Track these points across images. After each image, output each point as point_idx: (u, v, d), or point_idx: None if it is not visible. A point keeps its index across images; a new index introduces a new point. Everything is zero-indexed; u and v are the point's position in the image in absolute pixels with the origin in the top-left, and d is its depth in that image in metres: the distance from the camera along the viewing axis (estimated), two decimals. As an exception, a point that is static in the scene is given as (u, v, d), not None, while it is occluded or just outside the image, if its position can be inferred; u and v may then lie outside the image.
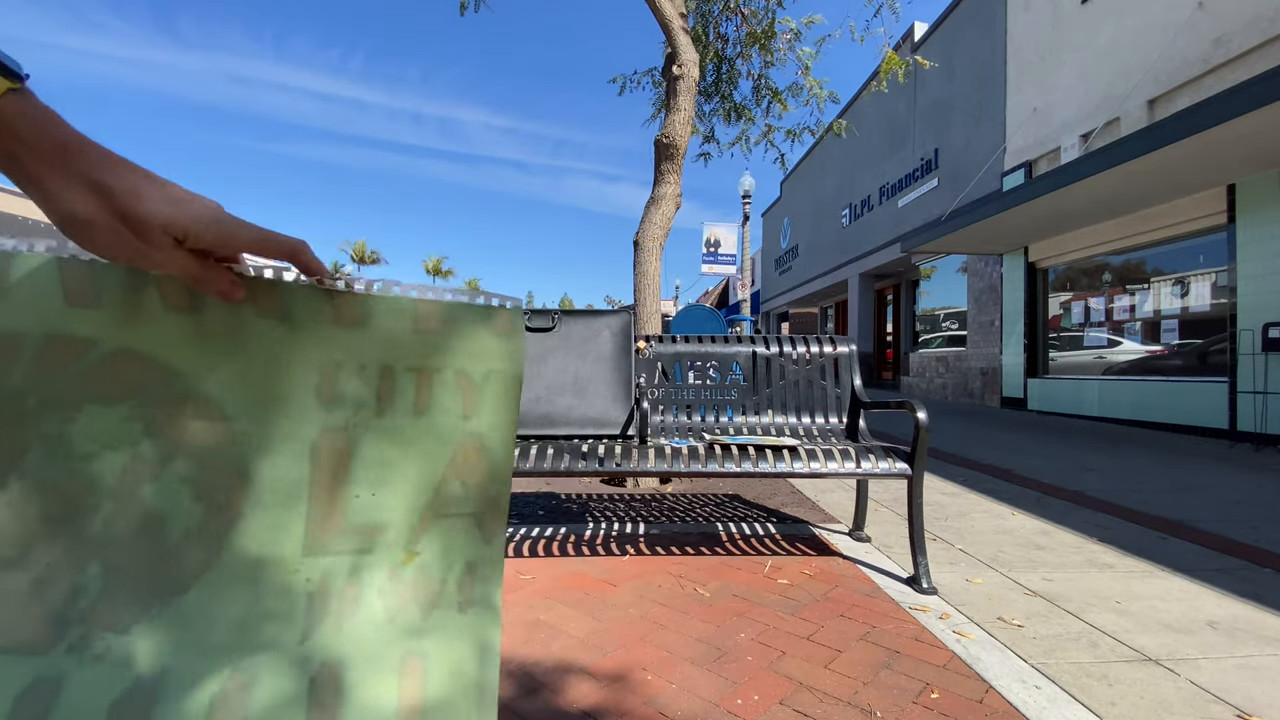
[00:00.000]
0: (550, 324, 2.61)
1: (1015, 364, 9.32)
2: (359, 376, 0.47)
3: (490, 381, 0.50)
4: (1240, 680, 1.49)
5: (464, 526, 0.50)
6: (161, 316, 0.41)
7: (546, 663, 1.54)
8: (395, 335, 0.47)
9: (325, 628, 0.44)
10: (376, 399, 0.47)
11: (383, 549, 0.47)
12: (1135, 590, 2.06)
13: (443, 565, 0.49)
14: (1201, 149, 5.15)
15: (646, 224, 3.98)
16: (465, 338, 0.49)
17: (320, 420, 0.46)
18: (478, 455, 0.50)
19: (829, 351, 2.74)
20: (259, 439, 0.44)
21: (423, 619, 0.48)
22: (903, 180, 13.09)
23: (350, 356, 0.46)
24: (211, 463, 0.43)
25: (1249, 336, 5.74)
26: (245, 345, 0.44)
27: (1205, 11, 6.21)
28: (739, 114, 6.02)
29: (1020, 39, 9.25)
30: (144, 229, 0.36)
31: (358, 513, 0.47)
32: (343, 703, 0.44)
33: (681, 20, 4.01)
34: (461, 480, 0.50)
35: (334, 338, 0.46)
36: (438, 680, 0.47)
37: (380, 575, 0.47)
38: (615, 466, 2.04)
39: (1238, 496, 3.52)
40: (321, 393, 0.46)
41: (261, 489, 0.44)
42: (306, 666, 0.43)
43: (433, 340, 0.48)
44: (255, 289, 0.44)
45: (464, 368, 0.49)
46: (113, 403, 0.40)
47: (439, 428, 0.49)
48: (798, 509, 3.16)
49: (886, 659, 1.57)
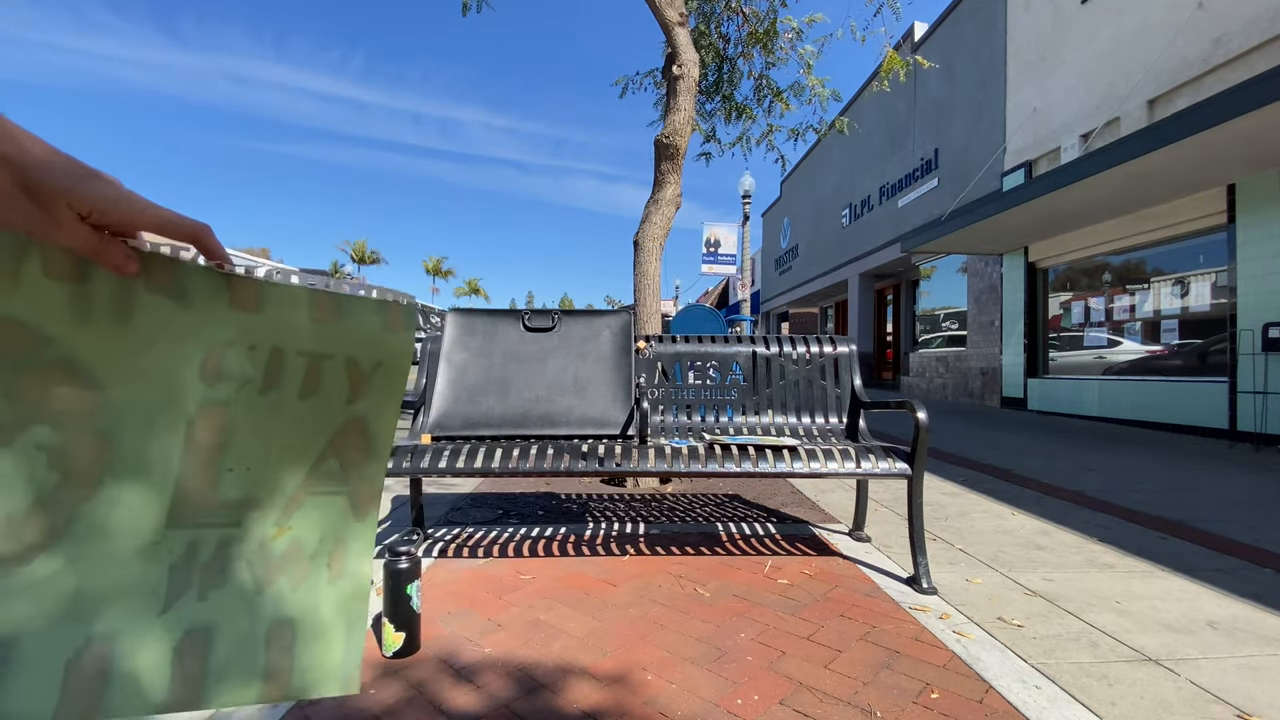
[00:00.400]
0: (550, 324, 2.61)
1: (1015, 364, 9.32)
2: (247, 356, 0.47)
3: (379, 371, 0.52)
4: (1240, 680, 1.49)
5: (338, 504, 0.52)
6: (41, 283, 0.40)
7: (546, 663, 1.54)
8: (290, 322, 0.48)
9: (188, 598, 0.45)
10: (263, 377, 0.48)
11: (253, 522, 0.48)
12: (1135, 590, 2.06)
13: (314, 540, 0.51)
14: (1201, 149, 5.15)
15: (646, 224, 3.98)
16: (358, 329, 0.50)
17: (200, 395, 0.46)
18: (359, 436, 0.52)
19: (829, 351, 2.74)
20: (130, 410, 0.44)
21: (291, 590, 0.49)
22: (903, 180, 13.09)
23: (241, 337, 0.47)
24: (75, 431, 0.42)
25: (1249, 336, 5.74)
26: (129, 317, 0.44)
27: (1205, 11, 6.21)
28: (740, 114, 6.01)
29: (1020, 39, 9.25)
30: (48, 202, 0.37)
31: (229, 487, 0.48)
32: (208, 670, 0.45)
33: (681, 20, 4.01)
34: (340, 460, 0.52)
35: (227, 319, 0.46)
36: (306, 649, 0.49)
37: (249, 547, 0.48)
38: (615, 466, 2.04)
39: (1238, 496, 3.52)
40: (206, 369, 0.46)
41: (126, 460, 0.44)
42: (169, 636, 0.44)
43: (327, 329, 0.49)
44: (150, 265, 0.44)
45: (354, 356, 0.51)
46: None
47: (323, 409, 0.51)
48: (798, 509, 3.16)
49: (886, 659, 1.57)
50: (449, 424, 2.40)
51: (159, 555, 0.45)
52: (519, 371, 2.52)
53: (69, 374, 0.42)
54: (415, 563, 1.60)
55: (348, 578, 0.52)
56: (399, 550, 1.59)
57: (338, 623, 0.51)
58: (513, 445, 2.13)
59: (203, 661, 0.45)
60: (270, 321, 0.47)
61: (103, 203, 0.38)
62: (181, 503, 0.46)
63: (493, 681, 1.45)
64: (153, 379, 0.45)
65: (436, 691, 1.40)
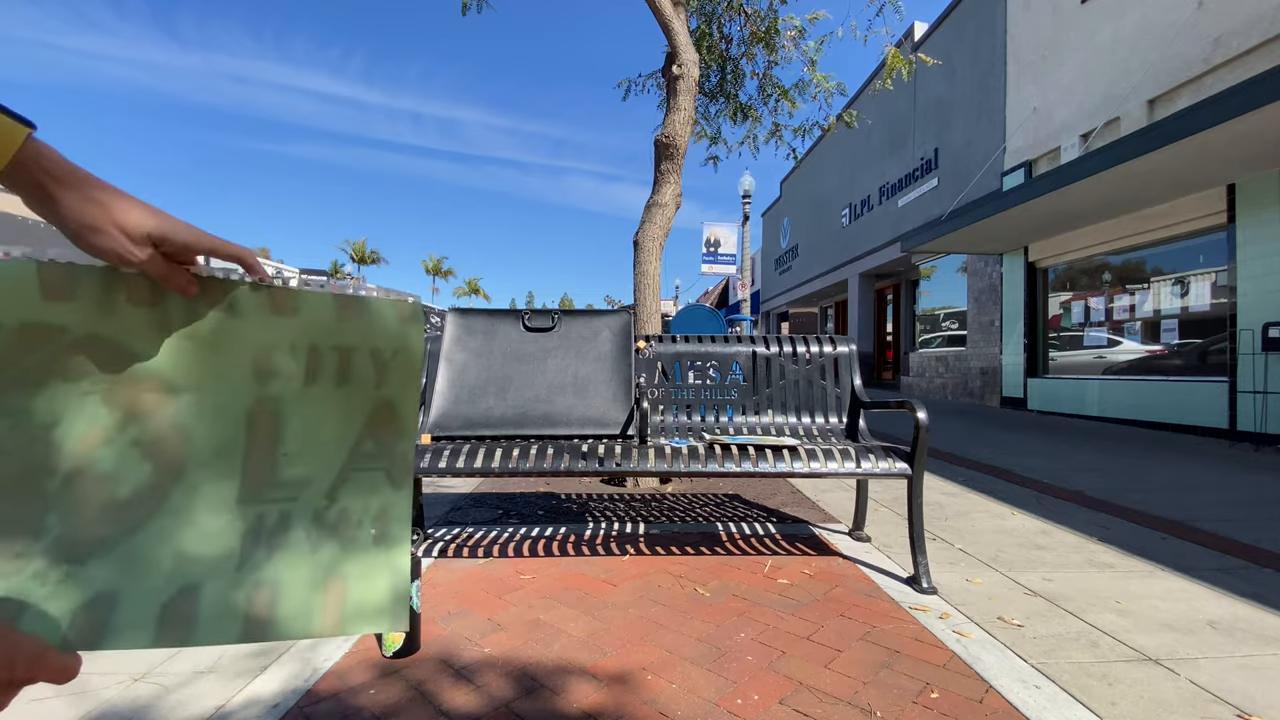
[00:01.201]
0: (550, 324, 2.61)
1: (1015, 364, 9.32)
2: (290, 355, 0.58)
3: (398, 357, 0.62)
4: (1240, 680, 1.49)
5: (378, 478, 0.61)
6: (126, 308, 0.51)
7: (546, 663, 1.54)
8: (321, 322, 0.59)
9: (257, 558, 0.56)
10: (305, 372, 0.58)
11: (307, 497, 0.58)
12: (1135, 590, 2.06)
13: (359, 509, 0.60)
14: (1201, 149, 5.15)
15: (646, 224, 3.98)
16: (377, 324, 0.61)
17: (256, 391, 0.56)
18: (389, 416, 0.62)
19: (829, 351, 2.74)
20: (202, 408, 0.55)
21: (342, 550, 0.59)
22: (903, 180, 13.08)
23: (283, 338, 0.57)
24: (160, 428, 0.53)
25: (1249, 336, 5.74)
26: (197, 331, 0.54)
27: (1205, 11, 6.21)
28: (745, 114, 6.00)
29: (1020, 38, 9.25)
30: (134, 234, 0.48)
31: (286, 468, 0.58)
32: (275, 612, 0.55)
33: (681, 20, 4.01)
34: (375, 439, 0.61)
35: (270, 324, 0.57)
36: (356, 594, 0.59)
37: (306, 518, 0.58)
38: (615, 466, 2.04)
39: (1238, 496, 3.52)
40: (259, 369, 0.57)
41: (202, 449, 0.54)
42: (243, 586, 0.55)
43: (351, 325, 0.60)
44: (207, 285, 0.55)
45: (377, 346, 0.61)
46: (75, 379, 0.50)
47: (357, 395, 0.61)
48: (798, 509, 3.16)
49: (886, 659, 1.57)
50: (449, 424, 2.40)
51: (234, 525, 0.55)
52: (519, 371, 2.52)
53: (153, 382, 0.53)
54: (415, 563, 1.60)
55: (391, 538, 0.62)
56: (399, 550, 1.59)
57: (383, 575, 0.61)
58: (513, 445, 2.13)
59: (271, 606, 0.55)
60: (305, 323, 0.58)
61: (172, 234, 0.50)
62: (248, 483, 0.56)
63: (492, 681, 1.45)
64: (217, 381, 0.55)
65: (436, 691, 1.40)
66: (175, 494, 0.53)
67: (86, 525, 0.50)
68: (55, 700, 1.34)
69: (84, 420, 0.50)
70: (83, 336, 0.50)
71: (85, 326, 0.50)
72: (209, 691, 1.40)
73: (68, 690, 1.38)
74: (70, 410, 0.50)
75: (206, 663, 1.52)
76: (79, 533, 0.50)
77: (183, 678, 1.45)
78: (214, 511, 0.54)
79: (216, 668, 1.50)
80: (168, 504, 0.53)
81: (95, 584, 0.50)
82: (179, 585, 0.52)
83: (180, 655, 1.55)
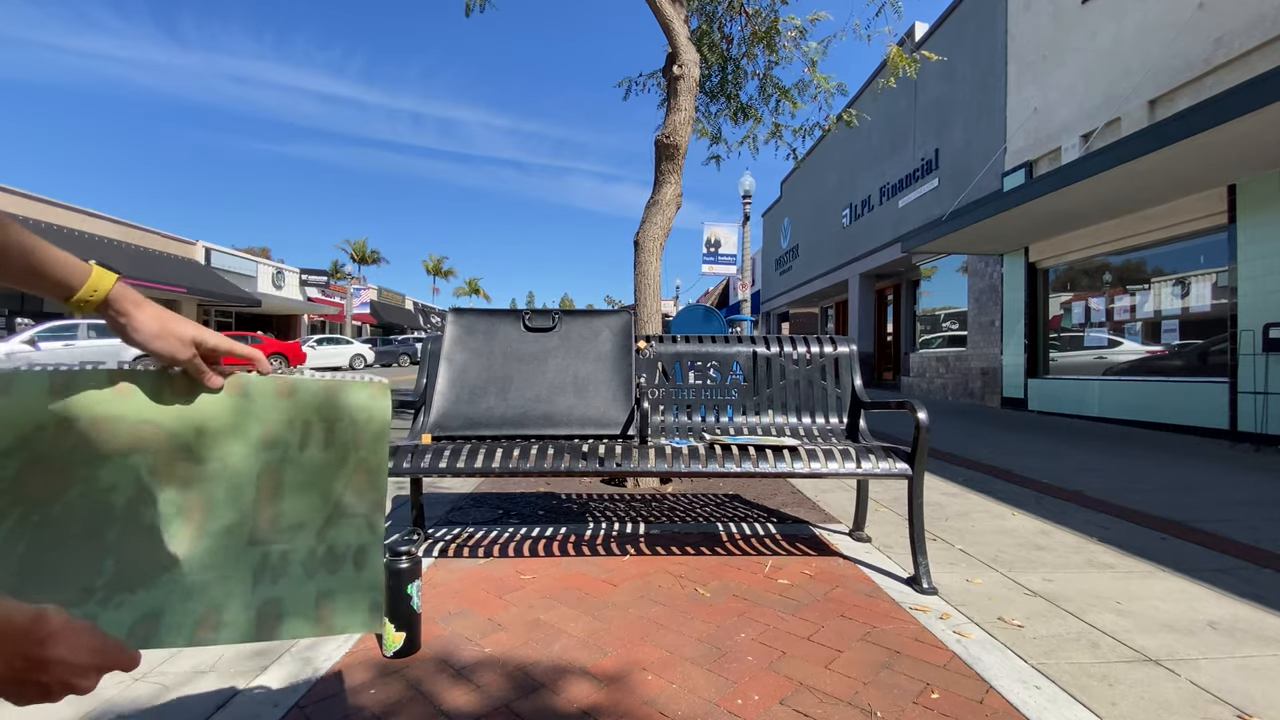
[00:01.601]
0: (551, 324, 2.62)
1: (1015, 364, 9.31)
2: (288, 427, 0.75)
3: (369, 423, 0.79)
4: (1240, 680, 1.49)
5: (357, 522, 0.79)
6: (170, 398, 0.69)
7: (546, 663, 1.54)
8: (313, 400, 0.76)
9: (265, 582, 0.73)
10: (299, 440, 0.75)
11: (302, 538, 0.75)
12: (1135, 590, 2.06)
13: (343, 547, 0.78)
14: (1202, 149, 5.14)
15: (647, 224, 3.98)
16: (354, 400, 0.78)
17: (263, 457, 0.74)
18: (365, 473, 0.79)
19: (829, 351, 2.74)
20: (220, 473, 0.71)
21: (330, 577, 0.77)
22: (903, 180, 13.07)
23: (284, 415, 0.75)
24: (190, 490, 0.69)
25: (1249, 337, 5.73)
26: (220, 413, 0.71)
27: (1206, 12, 6.21)
28: (746, 114, 5.99)
29: (1021, 39, 9.24)
30: (184, 338, 0.67)
31: (285, 517, 0.75)
32: (280, 622, 0.73)
33: (682, 20, 4.01)
34: (355, 491, 0.78)
35: (274, 405, 0.74)
36: (343, 607, 0.77)
37: (301, 554, 0.75)
38: (615, 466, 2.04)
39: (1238, 497, 3.52)
40: (264, 440, 0.74)
41: (220, 505, 0.71)
42: (255, 604, 0.72)
43: (334, 402, 0.77)
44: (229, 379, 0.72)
45: (354, 417, 0.78)
46: (129, 454, 0.66)
47: (340, 457, 0.77)
48: (798, 509, 3.16)
49: (887, 659, 1.57)
50: (449, 424, 2.40)
51: (245, 561, 0.72)
52: (519, 371, 2.52)
53: (184, 454, 0.69)
54: (415, 563, 1.60)
55: (368, 567, 0.79)
56: (399, 550, 1.59)
57: (363, 593, 0.78)
58: (513, 445, 2.13)
59: (277, 618, 0.73)
60: (301, 402, 0.76)
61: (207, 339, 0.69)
62: (255, 530, 0.73)
63: (493, 681, 1.45)
64: (232, 451, 0.72)
65: (436, 691, 1.40)
66: (202, 540, 0.70)
67: (137, 564, 0.66)
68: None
69: (134, 485, 0.66)
70: (137, 421, 0.67)
71: (140, 414, 0.67)
72: (209, 691, 1.40)
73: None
74: (125, 477, 0.66)
75: (207, 662, 1.52)
76: (131, 569, 0.66)
77: (183, 677, 1.45)
78: (229, 553, 0.71)
79: (216, 667, 1.50)
80: (197, 547, 0.69)
81: (145, 606, 0.66)
82: (207, 604, 0.70)
83: (180, 655, 1.55)
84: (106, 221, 18.90)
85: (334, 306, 32.82)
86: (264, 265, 27.37)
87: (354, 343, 25.12)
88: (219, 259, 23.86)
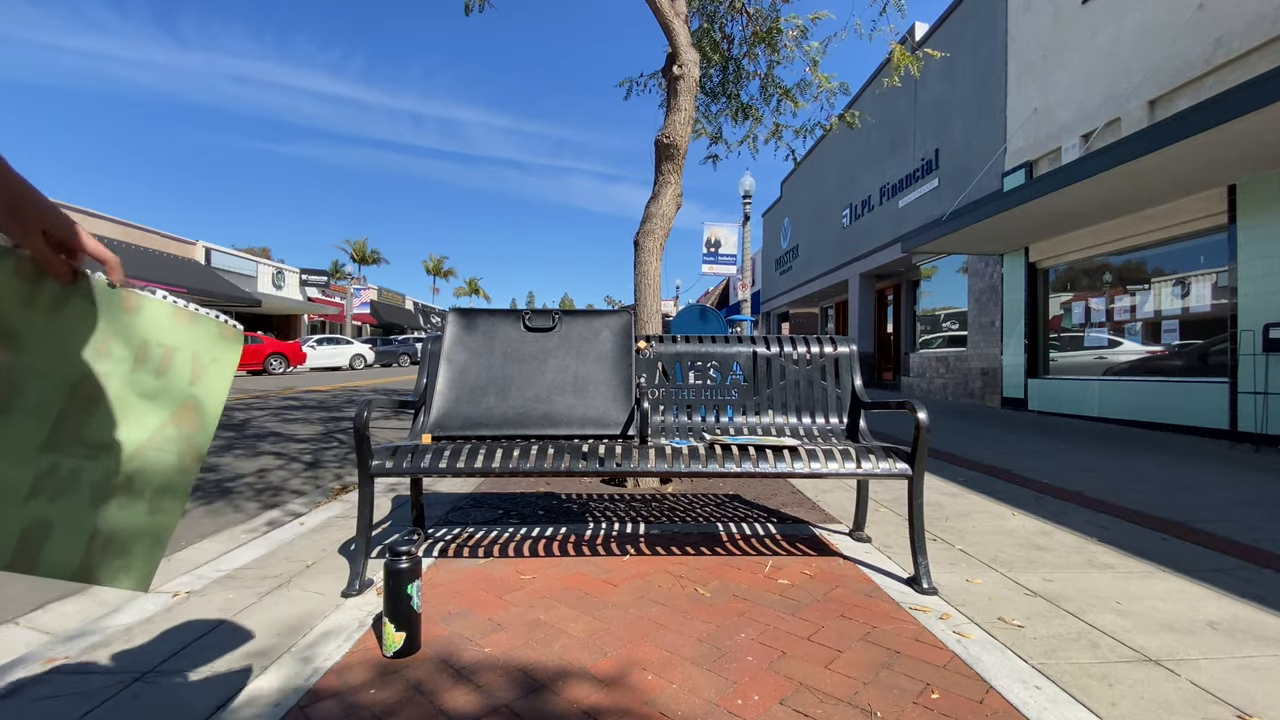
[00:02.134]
0: (550, 324, 2.62)
1: (1015, 364, 9.31)
2: (125, 343, 0.72)
3: (214, 365, 0.76)
4: (1240, 680, 1.49)
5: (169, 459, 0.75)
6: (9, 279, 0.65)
7: (546, 663, 1.54)
8: (157, 322, 0.74)
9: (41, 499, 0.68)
10: (134, 359, 0.73)
11: (103, 459, 0.72)
12: (1135, 590, 2.06)
13: (143, 482, 0.74)
14: (1202, 149, 5.14)
15: (647, 224, 3.98)
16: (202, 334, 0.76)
17: (88, 366, 0.70)
18: (194, 412, 0.76)
19: (829, 351, 2.74)
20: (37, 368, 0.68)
21: (117, 512, 0.72)
22: (903, 180, 13.07)
23: (122, 330, 0.72)
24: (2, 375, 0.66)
25: (1249, 337, 5.73)
26: (60, 310, 0.68)
27: (1206, 12, 6.21)
28: (746, 114, 5.98)
29: (1021, 39, 9.24)
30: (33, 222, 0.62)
31: (93, 431, 0.71)
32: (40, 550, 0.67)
33: (682, 20, 4.01)
34: (177, 427, 0.75)
35: (116, 317, 0.71)
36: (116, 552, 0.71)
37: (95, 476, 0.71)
38: (615, 466, 2.04)
39: (1238, 497, 3.52)
40: (97, 349, 0.71)
41: (25, 399, 0.67)
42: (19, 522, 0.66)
43: (181, 330, 0.75)
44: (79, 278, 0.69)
45: (198, 351, 0.76)
46: None
47: (171, 387, 0.75)
48: (798, 509, 3.16)
49: (887, 659, 1.57)
50: (449, 424, 2.40)
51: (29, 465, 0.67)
52: (519, 371, 2.52)
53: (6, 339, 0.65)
54: (415, 563, 1.60)
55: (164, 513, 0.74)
56: (399, 550, 1.59)
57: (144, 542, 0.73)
58: (513, 445, 2.13)
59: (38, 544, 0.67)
60: (144, 321, 0.73)
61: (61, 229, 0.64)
62: (55, 435, 0.69)
63: (493, 681, 1.45)
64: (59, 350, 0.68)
65: (436, 691, 1.40)
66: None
67: None
68: (54, 700, 1.34)
69: None
70: None
71: None
72: (209, 691, 1.40)
73: (66, 689, 1.38)
74: None
75: (207, 662, 1.52)
76: None
77: (183, 677, 1.45)
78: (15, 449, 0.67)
79: (216, 667, 1.50)
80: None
81: None
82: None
83: (181, 655, 1.55)
84: (106, 221, 18.90)
85: (334, 306, 32.83)
86: (264, 265, 27.38)
87: (354, 343, 25.11)
88: (219, 259, 23.88)
